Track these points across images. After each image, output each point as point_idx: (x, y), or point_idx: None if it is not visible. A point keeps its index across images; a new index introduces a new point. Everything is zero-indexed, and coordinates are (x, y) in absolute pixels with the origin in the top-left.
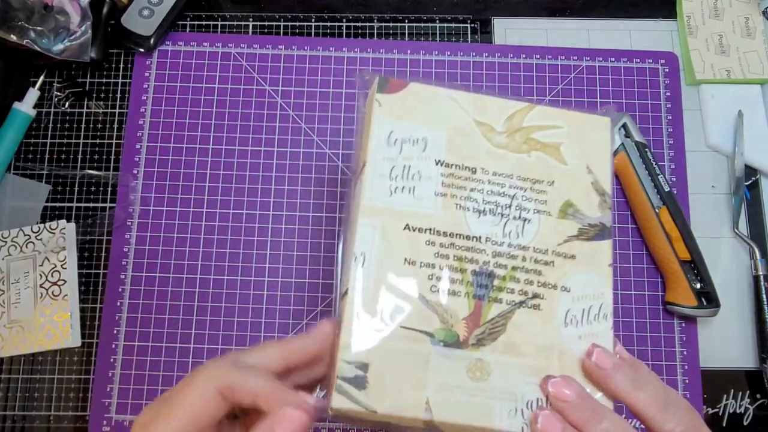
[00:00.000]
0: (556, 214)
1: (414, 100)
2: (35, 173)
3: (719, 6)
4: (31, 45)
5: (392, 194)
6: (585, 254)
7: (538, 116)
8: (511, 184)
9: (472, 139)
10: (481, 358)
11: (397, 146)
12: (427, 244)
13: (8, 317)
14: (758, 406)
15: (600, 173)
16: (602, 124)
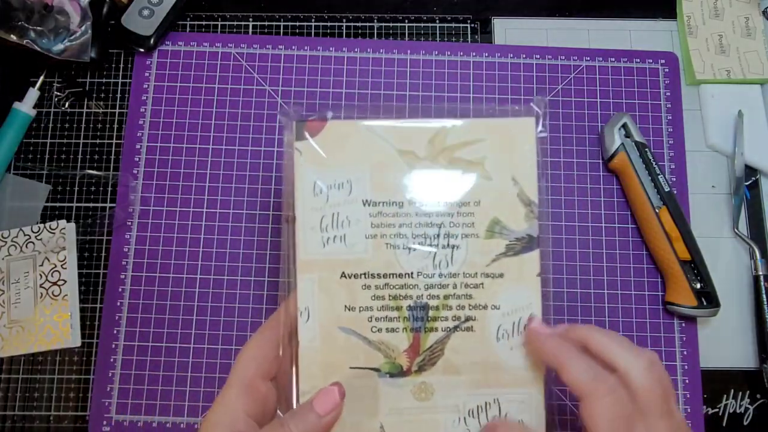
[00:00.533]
0: (483, 235)
1: (334, 140)
2: (35, 173)
3: (719, 6)
4: (31, 45)
5: (325, 245)
6: (513, 269)
7: (460, 133)
8: (437, 211)
9: (396, 171)
10: (424, 381)
11: (323, 195)
12: (363, 288)
13: (8, 317)
14: (758, 406)
15: (526, 182)
16: (526, 127)
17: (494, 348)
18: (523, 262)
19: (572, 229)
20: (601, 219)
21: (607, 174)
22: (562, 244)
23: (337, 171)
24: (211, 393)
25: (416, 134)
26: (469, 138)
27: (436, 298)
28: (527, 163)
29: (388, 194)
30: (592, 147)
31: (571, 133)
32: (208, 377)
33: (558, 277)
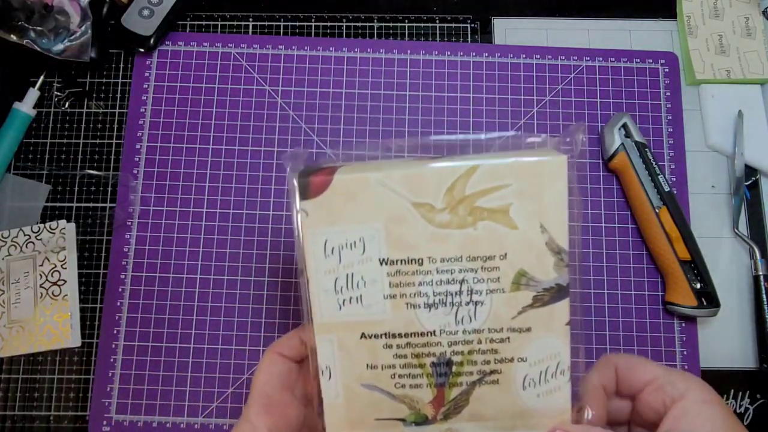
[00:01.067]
0: (509, 288)
1: (342, 197)
2: (35, 173)
3: (719, 6)
4: (31, 45)
5: (341, 307)
6: (541, 321)
7: (481, 179)
8: (460, 267)
9: (413, 226)
10: (450, 427)
11: (335, 255)
12: (384, 348)
13: (8, 317)
14: (758, 406)
15: (555, 229)
16: (556, 168)
17: (521, 397)
18: (553, 312)
19: (572, 229)
20: (601, 219)
21: (607, 174)
22: None
23: (348, 229)
24: (211, 393)
25: (433, 183)
26: (492, 184)
27: (460, 354)
28: (557, 207)
29: (405, 252)
30: (592, 147)
31: None
32: (208, 377)
33: None
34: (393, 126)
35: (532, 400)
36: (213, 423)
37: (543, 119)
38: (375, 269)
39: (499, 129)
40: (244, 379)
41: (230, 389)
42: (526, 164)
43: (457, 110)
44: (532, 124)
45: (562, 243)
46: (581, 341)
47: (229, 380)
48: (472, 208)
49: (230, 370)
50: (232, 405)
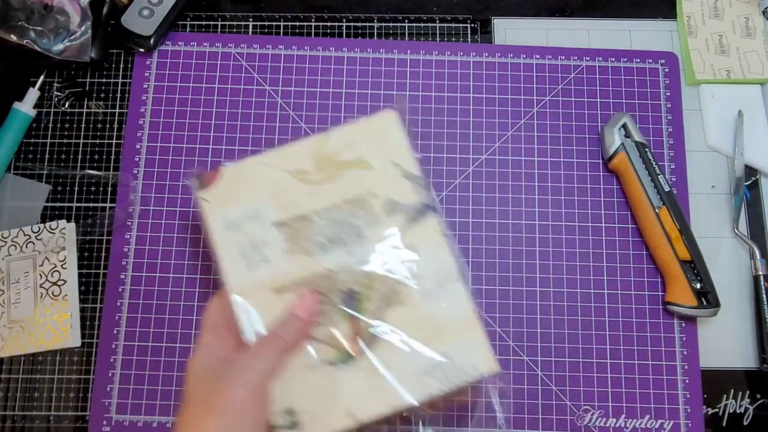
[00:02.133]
0: (384, 216)
1: (233, 182)
2: (35, 173)
3: (719, 6)
4: (31, 45)
5: (251, 270)
6: (420, 237)
7: (338, 142)
8: (339, 211)
9: (294, 190)
10: (374, 358)
11: (237, 229)
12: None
13: (8, 317)
14: (758, 406)
15: (404, 162)
16: (391, 119)
17: (426, 310)
18: (427, 227)
19: (572, 229)
20: (601, 219)
21: (607, 174)
22: (562, 244)
23: (242, 206)
24: None
25: (302, 154)
26: (346, 141)
27: (361, 285)
28: (400, 146)
29: (294, 211)
30: (592, 147)
31: (571, 133)
32: None
33: (558, 277)
34: None
35: (437, 309)
36: None
37: (543, 119)
38: (272, 231)
39: (499, 129)
40: None
41: None
42: (367, 122)
43: (457, 110)
44: (532, 124)
45: (413, 170)
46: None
47: None
48: (336, 163)
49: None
50: None
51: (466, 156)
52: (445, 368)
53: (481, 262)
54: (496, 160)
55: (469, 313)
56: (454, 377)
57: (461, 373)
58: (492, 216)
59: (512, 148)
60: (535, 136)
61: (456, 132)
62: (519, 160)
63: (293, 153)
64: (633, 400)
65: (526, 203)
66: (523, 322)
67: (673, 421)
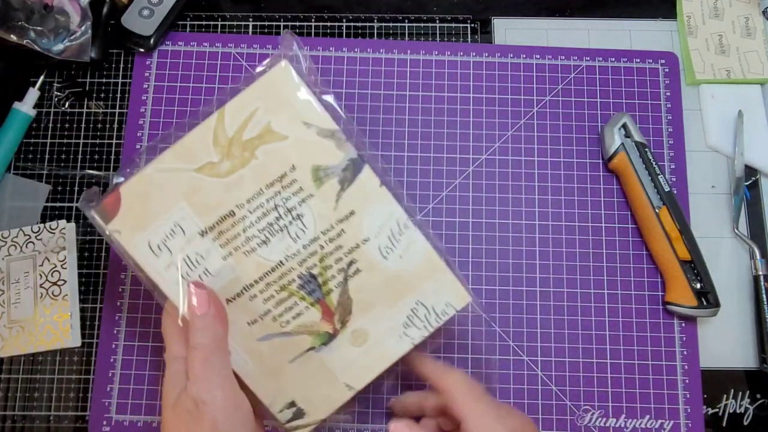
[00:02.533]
0: (315, 188)
1: (138, 200)
2: (35, 173)
3: (719, 6)
4: (31, 45)
5: None
6: (358, 197)
7: (234, 117)
8: (265, 197)
9: (208, 189)
10: (353, 330)
11: (164, 249)
12: (251, 299)
13: (8, 317)
14: (758, 406)
15: (315, 118)
16: (282, 73)
17: (387, 267)
18: (363, 183)
19: (572, 229)
20: (601, 219)
21: (607, 174)
22: (562, 244)
23: (159, 224)
24: None
25: (199, 145)
26: (244, 115)
27: (315, 266)
28: (304, 101)
29: (215, 212)
30: (592, 147)
31: (571, 133)
32: None
33: (558, 277)
34: (393, 126)
35: (397, 262)
36: None
37: (543, 119)
38: (202, 241)
39: (499, 129)
40: None
41: None
42: (259, 85)
43: (457, 110)
44: (532, 124)
45: (328, 125)
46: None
47: None
48: (242, 143)
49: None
50: None
51: (466, 156)
52: (422, 315)
53: (481, 262)
54: (496, 160)
55: (430, 255)
56: (433, 320)
57: (439, 314)
58: (492, 216)
59: (512, 148)
60: (535, 136)
61: (456, 132)
62: (519, 160)
63: (191, 146)
64: (633, 400)
65: (526, 203)
66: (523, 322)
67: (673, 421)
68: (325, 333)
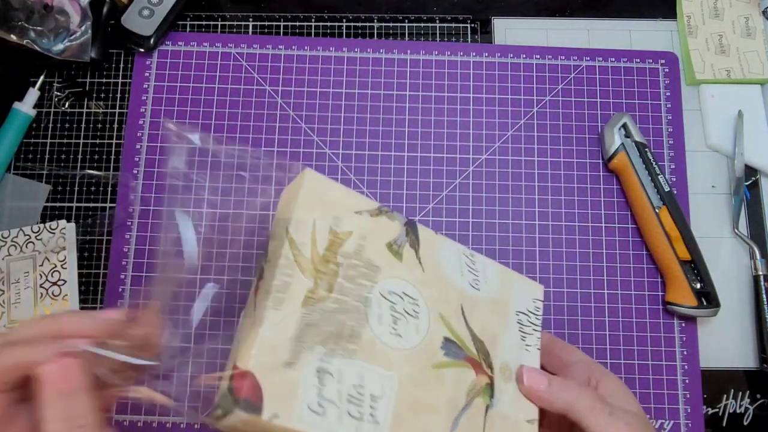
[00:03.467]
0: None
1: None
2: (35, 173)
3: (719, 6)
4: (31, 45)
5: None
6: (430, 251)
7: (300, 237)
8: (372, 295)
9: (321, 317)
10: (499, 366)
11: (325, 404)
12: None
13: (8, 317)
14: (758, 406)
15: (360, 204)
16: (312, 178)
17: (485, 296)
18: (425, 238)
19: (572, 229)
20: (601, 219)
21: (607, 174)
22: (562, 244)
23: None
24: (210, 393)
25: (288, 281)
26: (309, 232)
27: (443, 328)
28: (344, 194)
29: (342, 334)
30: (592, 147)
31: (571, 133)
32: None
33: (558, 277)
34: (393, 126)
35: (487, 288)
36: None
37: (543, 119)
38: (350, 370)
39: (499, 129)
40: None
41: None
42: (303, 198)
43: (457, 110)
44: (532, 124)
45: (373, 205)
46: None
47: None
48: (322, 258)
49: None
50: None
51: (466, 156)
52: (526, 321)
53: None
54: (496, 160)
55: (501, 268)
56: (535, 320)
57: (535, 312)
58: (492, 216)
59: (512, 148)
60: (535, 136)
61: (456, 132)
62: (519, 160)
63: (284, 287)
64: None
65: (526, 203)
66: None
67: (673, 421)
68: (486, 385)
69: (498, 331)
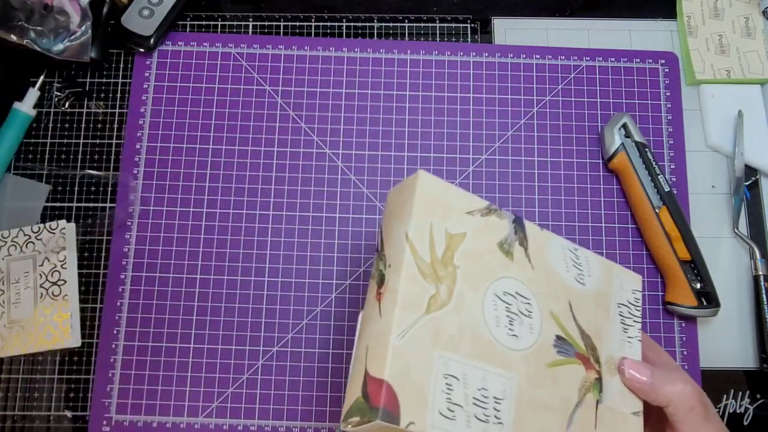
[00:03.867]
0: (510, 261)
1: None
2: (35, 173)
3: (719, 6)
4: (31, 45)
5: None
6: (538, 248)
7: (419, 242)
8: (488, 296)
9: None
10: (605, 360)
11: (455, 409)
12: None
13: (8, 317)
14: (758, 406)
15: (471, 204)
16: (425, 180)
17: (590, 291)
18: (533, 235)
19: (572, 229)
20: (601, 219)
21: (607, 174)
22: None
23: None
24: (211, 393)
25: (413, 287)
26: (426, 236)
27: (555, 326)
28: (455, 195)
29: (464, 338)
30: (592, 147)
31: (571, 133)
32: (208, 377)
33: None
34: (393, 126)
35: (592, 282)
36: (213, 423)
37: (543, 119)
38: (475, 374)
39: (499, 129)
40: (244, 379)
41: (230, 389)
42: (419, 202)
43: (457, 110)
44: (532, 124)
45: (483, 204)
46: None
47: (229, 380)
48: (441, 262)
49: (230, 370)
50: (232, 405)
51: (466, 156)
52: (626, 313)
53: None
54: (496, 160)
55: (601, 260)
56: (635, 312)
57: (635, 304)
58: None
59: (512, 148)
60: (535, 136)
61: (456, 132)
62: (519, 160)
63: (409, 293)
64: None
65: (526, 203)
66: None
67: None
68: (595, 380)
69: (602, 325)
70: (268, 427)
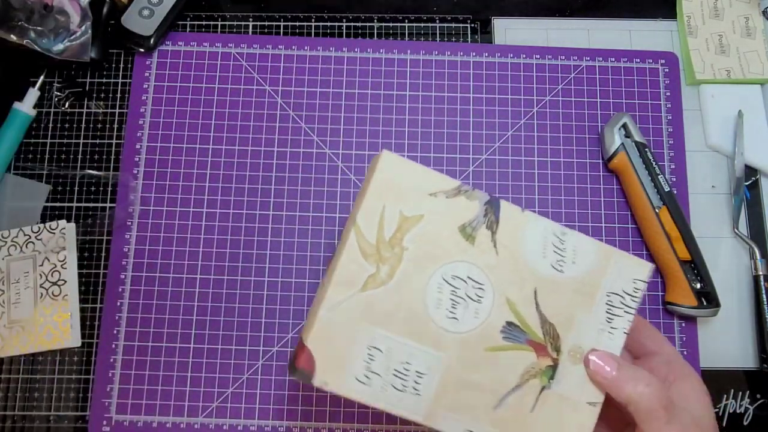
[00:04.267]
0: (470, 245)
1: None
2: (35, 173)
3: (719, 6)
4: (31, 45)
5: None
6: (510, 232)
7: (367, 224)
8: (434, 279)
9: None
10: (569, 349)
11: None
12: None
13: (8, 317)
14: (758, 406)
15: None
16: (387, 160)
17: (568, 278)
18: (507, 218)
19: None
20: (601, 219)
21: (607, 174)
22: None
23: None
24: (211, 393)
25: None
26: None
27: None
28: (420, 174)
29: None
30: (592, 147)
31: (571, 133)
32: (208, 377)
33: None
34: (393, 126)
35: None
36: (213, 423)
37: (543, 119)
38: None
39: (499, 129)
40: (244, 379)
41: (230, 389)
42: (375, 185)
43: (457, 110)
44: (532, 124)
45: (452, 184)
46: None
47: (229, 380)
48: (387, 243)
49: (230, 370)
50: (232, 405)
51: (465, 156)
52: (618, 303)
53: None
54: (496, 160)
55: (598, 246)
56: (630, 302)
57: (632, 294)
58: None
59: (512, 148)
60: (535, 136)
61: (456, 132)
62: (519, 160)
63: (345, 273)
64: None
65: (527, 203)
66: None
67: None
68: (548, 367)
69: (575, 314)
70: (268, 427)
